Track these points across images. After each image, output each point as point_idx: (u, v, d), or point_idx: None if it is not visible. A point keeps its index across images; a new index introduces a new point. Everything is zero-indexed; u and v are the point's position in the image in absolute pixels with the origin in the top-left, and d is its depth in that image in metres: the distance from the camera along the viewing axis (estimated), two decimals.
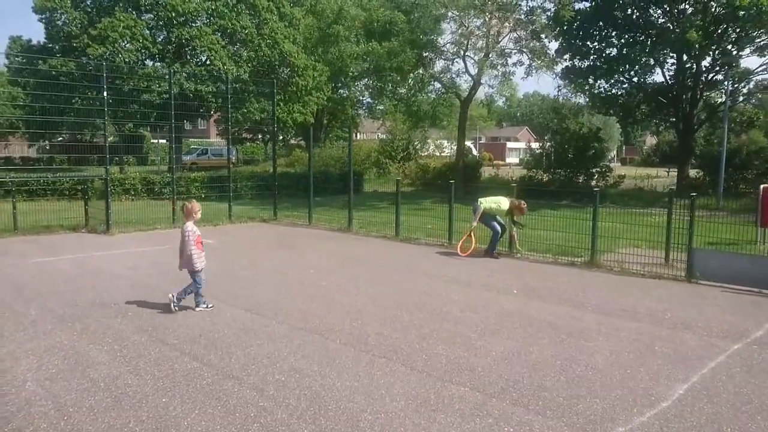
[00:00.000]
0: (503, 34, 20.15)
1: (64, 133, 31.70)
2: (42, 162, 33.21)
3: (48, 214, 13.50)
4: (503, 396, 4.35)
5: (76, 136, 33.47)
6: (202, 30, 25.19)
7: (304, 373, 4.74)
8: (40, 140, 32.70)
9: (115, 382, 4.53)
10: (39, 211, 13.84)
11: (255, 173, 22.91)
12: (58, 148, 31.94)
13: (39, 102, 20.34)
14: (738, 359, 5.22)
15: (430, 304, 6.95)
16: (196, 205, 6.65)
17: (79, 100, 24.77)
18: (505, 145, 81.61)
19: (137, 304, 6.77)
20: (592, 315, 6.58)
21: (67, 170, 24.46)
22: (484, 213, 10.42)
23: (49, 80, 21.53)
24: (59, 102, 19.78)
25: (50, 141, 32.51)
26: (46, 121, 19.07)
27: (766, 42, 20.55)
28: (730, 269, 8.20)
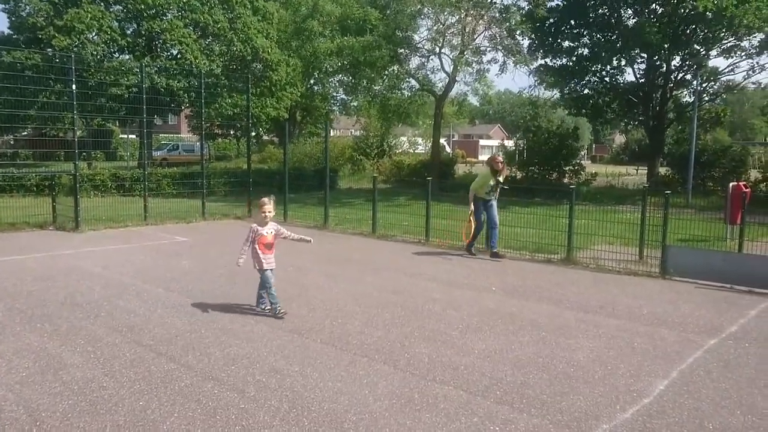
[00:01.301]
0: (478, 32, 20.21)
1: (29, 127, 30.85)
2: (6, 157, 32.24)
3: (13, 211, 13.07)
4: (487, 394, 4.33)
5: (42, 131, 32.63)
6: (173, 23, 24.73)
7: (285, 373, 4.66)
8: (4, 135, 31.75)
9: (89, 385, 4.38)
10: (4, 207, 13.39)
11: (228, 169, 22.59)
12: (23, 143, 31.05)
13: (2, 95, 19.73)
14: (715, 354, 5.30)
15: (410, 302, 6.91)
16: (264, 200, 6.16)
17: (45, 93, 24.10)
18: (478, 142, 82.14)
19: (110, 304, 6.58)
20: (572, 312, 6.62)
21: (33, 166, 23.82)
22: (475, 198, 10.12)
23: (13, 72, 20.88)
24: (24, 95, 19.20)
25: (15, 135, 31.59)
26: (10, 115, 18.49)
27: (732, 44, 21.02)
28: (703, 266, 8.34)
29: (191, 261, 9.25)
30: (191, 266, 8.84)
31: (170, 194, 17.65)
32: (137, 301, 6.76)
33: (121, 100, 24.61)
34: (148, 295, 7.04)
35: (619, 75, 23.68)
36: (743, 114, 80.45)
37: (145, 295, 7.00)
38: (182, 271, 8.44)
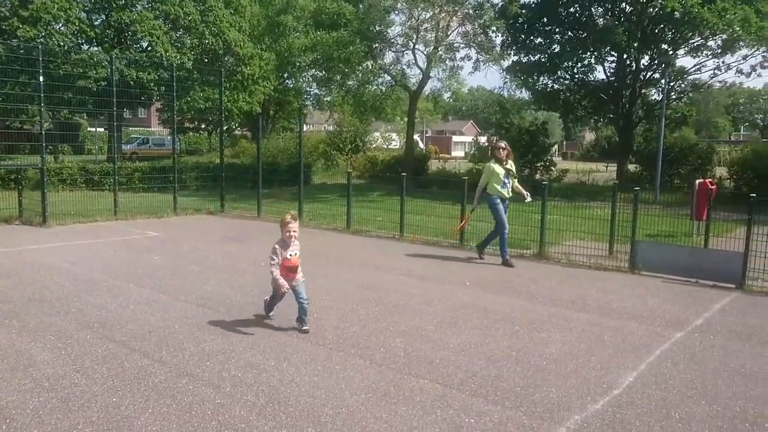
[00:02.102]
0: (452, 28, 20.31)
1: None
2: None
3: None
4: (462, 387, 4.39)
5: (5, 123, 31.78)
6: (143, 15, 24.27)
7: (261, 368, 4.65)
8: None
9: (60, 381, 4.32)
10: None
11: (200, 164, 22.32)
12: None
13: None
14: (681, 347, 5.45)
15: (386, 297, 6.95)
16: (288, 218, 5.48)
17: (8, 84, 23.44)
18: (451, 138, 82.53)
19: (80, 300, 6.47)
20: (544, 306, 6.73)
21: None
22: (490, 196, 9.06)
23: None
24: None
25: None
26: None
27: (699, 43, 21.52)
28: (670, 261, 8.55)
29: (163, 256, 9.14)
30: (163, 262, 8.73)
31: (141, 189, 17.38)
32: (108, 296, 6.66)
33: (89, 93, 24.11)
34: (119, 290, 6.94)
35: (590, 72, 24.10)
36: (708, 113, 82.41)
37: (116, 291, 6.90)
38: (154, 267, 8.33)
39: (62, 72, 22.69)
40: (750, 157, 18.61)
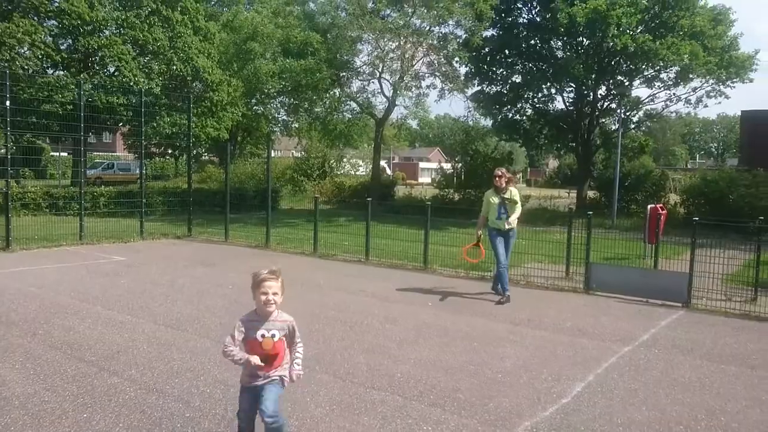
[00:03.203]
0: (417, 58, 20.93)
1: None
2: None
3: None
4: (421, 398, 4.64)
5: None
6: (111, 39, 24.33)
7: (229, 384, 4.82)
8: None
9: (30, 399, 4.42)
10: None
11: (167, 188, 22.28)
12: None
13: None
14: (628, 360, 5.82)
15: (350, 317, 7.18)
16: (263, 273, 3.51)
17: None
18: (418, 165, 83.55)
19: (48, 323, 6.53)
20: (502, 324, 7.05)
21: None
22: (489, 227, 8.51)
23: None
24: None
25: None
26: None
27: (652, 74, 22.62)
28: (622, 281, 9.00)
29: (130, 280, 9.20)
30: (130, 285, 8.80)
31: (106, 213, 17.28)
32: (75, 319, 6.74)
33: (54, 117, 23.94)
34: (87, 313, 7.02)
35: (550, 102, 24.98)
36: (666, 141, 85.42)
37: (83, 313, 6.98)
38: (121, 290, 8.40)
39: (26, 96, 22.55)
40: (700, 184, 19.50)
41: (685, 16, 20.46)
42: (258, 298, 3.49)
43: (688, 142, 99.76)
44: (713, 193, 18.33)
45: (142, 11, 25.59)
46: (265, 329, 3.49)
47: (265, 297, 3.46)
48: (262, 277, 3.49)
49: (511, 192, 8.39)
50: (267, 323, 3.50)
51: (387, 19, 20.45)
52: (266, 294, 3.46)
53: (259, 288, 3.48)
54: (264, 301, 3.47)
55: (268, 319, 3.51)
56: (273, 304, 3.49)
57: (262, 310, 3.50)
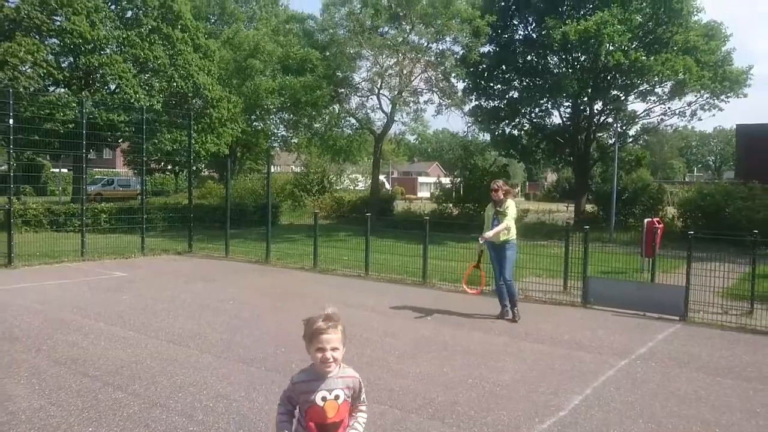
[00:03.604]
0: (415, 74, 21.17)
1: None
2: None
3: None
4: (420, 412, 4.72)
5: None
6: (112, 58, 24.60)
7: (231, 398, 4.90)
8: None
9: (36, 414, 4.50)
10: None
11: (167, 204, 22.41)
12: None
13: None
14: (625, 373, 5.89)
15: (351, 331, 7.15)
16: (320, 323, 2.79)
17: None
18: (417, 179, 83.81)
19: (51, 339, 6.61)
20: (500, 338, 7.14)
21: None
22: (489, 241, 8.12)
23: None
24: None
25: None
26: None
27: (647, 89, 22.86)
28: (620, 295, 9.08)
29: (131, 296, 9.28)
30: (132, 301, 8.87)
31: (107, 230, 17.38)
32: (79, 334, 6.81)
33: (55, 134, 24.13)
34: (90, 329, 7.09)
35: (547, 117, 25.23)
36: (663, 154, 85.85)
37: (86, 329, 7.05)
38: (123, 306, 8.48)
39: (29, 114, 22.75)
40: (696, 197, 19.65)
41: (679, 31, 20.76)
42: (313, 354, 2.74)
43: (686, 155, 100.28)
44: (709, 207, 18.47)
45: (142, 30, 25.90)
46: (326, 389, 2.75)
47: (322, 354, 2.71)
48: (317, 328, 2.73)
49: (506, 205, 8.16)
50: (327, 381, 2.77)
51: (385, 36, 20.72)
52: (323, 350, 2.71)
53: (315, 341, 2.74)
54: (321, 359, 2.71)
55: (326, 379, 2.76)
56: (332, 362, 2.74)
57: (320, 368, 2.75)
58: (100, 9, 25.02)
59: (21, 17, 24.07)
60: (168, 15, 26.69)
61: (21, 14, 24.11)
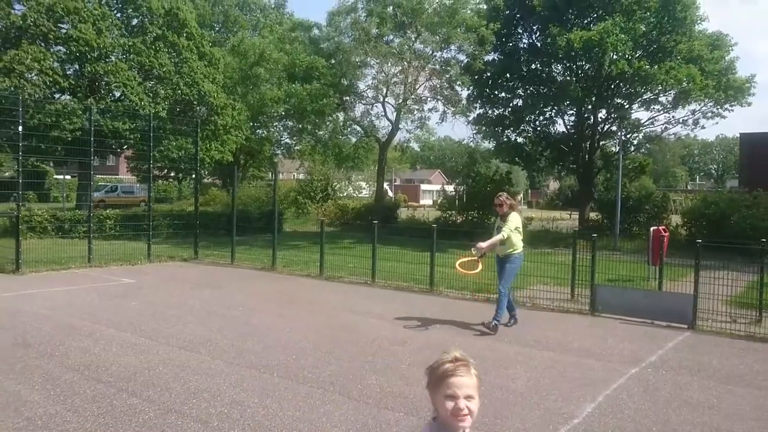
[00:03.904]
0: (420, 82, 21.26)
1: None
2: None
3: None
4: None
5: None
6: (118, 65, 24.74)
7: (245, 404, 4.91)
8: None
9: (53, 419, 4.51)
10: None
11: (172, 211, 22.48)
12: None
13: None
14: (636, 381, 5.90)
15: (360, 339, 7.27)
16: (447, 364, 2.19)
17: None
18: (419, 187, 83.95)
19: (63, 345, 6.62)
20: (510, 346, 7.14)
21: None
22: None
23: None
24: None
25: None
26: None
27: (651, 97, 22.92)
28: (627, 303, 9.09)
29: (140, 302, 9.30)
30: (141, 307, 8.90)
31: (113, 236, 17.44)
32: (90, 341, 6.83)
33: (61, 142, 24.24)
34: (101, 335, 7.11)
35: (551, 125, 25.28)
36: (666, 162, 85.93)
37: (97, 335, 7.07)
38: (132, 312, 8.50)
39: (35, 121, 22.86)
40: (700, 206, 19.65)
41: (683, 40, 20.83)
42: (441, 404, 2.09)
43: (688, 163, 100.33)
44: (714, 215, 18.46)
45: (148, 37, 26.05)
46: None
47: (454, 404, 2.06)
48: (445, 370, 2.14)
49: (511, 217, 8.10)
50: None
51: (391, 45, 20.82)
52: (454, 398, 2.07)
53: (442, 387, 2.11)
54: (452, 410, 2.05)
55: None
56: (467, 415, 2.06)
57: (450, 422, 2.07)
58: (106, 17, 25.19)
59: (27, 25, 24.23)
60: (173, 23, 26.85)
61: (27, 22, 24.26)
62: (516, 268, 8.33)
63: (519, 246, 8.21)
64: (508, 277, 8.15)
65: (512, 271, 8.24)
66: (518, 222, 8.26)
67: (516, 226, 8.17)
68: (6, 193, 26.73)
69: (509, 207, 8.21)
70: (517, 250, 8.21)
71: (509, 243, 8.05)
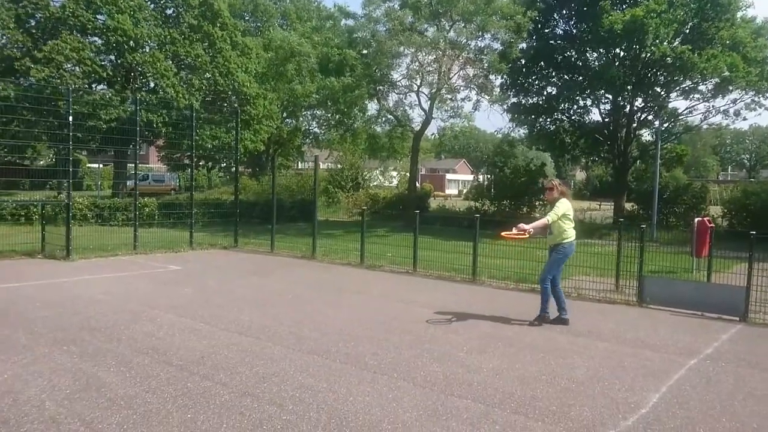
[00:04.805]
0: (454, 71, 21.17)
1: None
2: None
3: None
4: (503, 406, 4.79)
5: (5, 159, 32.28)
6: (154, 55, 25.08)
7: (315, 389, 5.03)
8: None
9: (134, 400, 4.68)
10: None
11: (209, 200, 22.82)
12: None
13: None
14: (697, 372, 5.88)
15: (413, 327, 7.35)
16: None
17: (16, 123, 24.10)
18: (445, 176, 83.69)
19: (128, 329, 6.83)
20: (563, 336, 7.16)
21: (7, 194, 23.61)
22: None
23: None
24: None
25: None
26: None
27: (690, 86, 22.50)
28: (676, 294, 9.01)
29: (192, 289, 9.51)
30: (194, 294, 9.10)
31: (154, 224, 17.79)
32: (152, 326, 7.03)
33: (96, 131, 24.70)
34: (162, 320, 7.31)
35: (586, 114, 24.97)
36: (696, 152, 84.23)
37: (158, 321, 7.27)
38: (186, 299, 8.71)
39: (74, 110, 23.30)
40: (741, 196, 19.32)
41: (725, 27, 20.38)
42: None
43: (720, 153, 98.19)
44: (756, 205, 18.13)
45: (182, 27, 26.35)
46: None
47: None
48: None
49: (560, 204, 7.75)
50: None
51: (425, 34, 20.74)
52: None
53: None
54: None
55: None
56: None
57: None
58: (143, 8, 25.52)
59: (66, 15, 24.69)
60: (207, 13, 27.12)
61: (66, 12, 24.71)
62: (562, 259, 7.94)
63: (569, 235, 7.81)
64: (549, 268, 7.88)
65: (556, 262, 7.90)
66: (568, 209, 7.84)
67: (564, 213, 7.76)
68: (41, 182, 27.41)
69: (560, 193, 7.81)
70: (567, 240, 7.82)
71: (558, 231, 7.75)
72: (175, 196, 25.60)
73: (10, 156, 30.96)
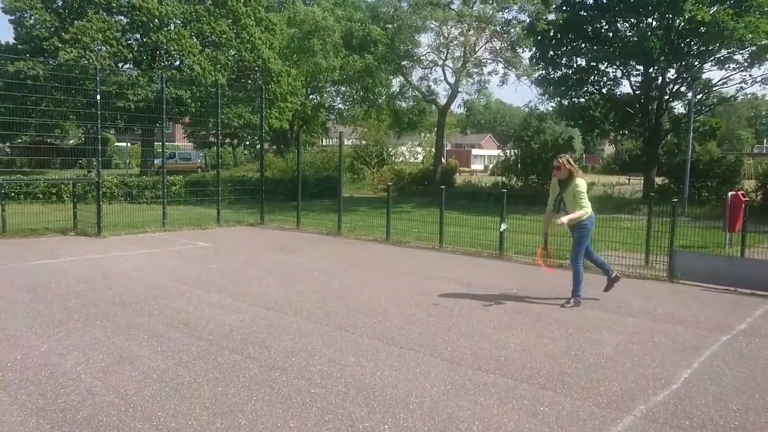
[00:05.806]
0: (480, 45, 20.82)
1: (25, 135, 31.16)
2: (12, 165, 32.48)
3: (29, 217, 13.27)
4: (531, 381, 4.77)
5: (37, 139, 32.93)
6: (179, 33, 25.14)
7: (343, 364, 5.07)
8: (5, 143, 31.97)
9: (166, 373, 4.77)
10: (20, 214, 13.51)
11: (234, 177, 23.01)
12: (20, 151, 31.25)
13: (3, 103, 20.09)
14: (729, 348, 5.77)
15: (440, 302, 7.35)
16: None
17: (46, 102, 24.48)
18: (470, 152, 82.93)
19: (159, 304, 6.96)
20: (592, 311, 7.08)
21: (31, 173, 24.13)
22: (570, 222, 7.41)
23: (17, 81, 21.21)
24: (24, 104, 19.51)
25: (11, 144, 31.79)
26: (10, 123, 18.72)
27: (726, 55, 21.77)
28: (709, 270, 8.83)
29: (220, 265, 9.64)
30: (222, 269, 9.22)
31: (182, 201, 18.02)
32: (182, 301, 7.14)
33: (124, 111, 24.96)
34: (191, 295, 7.43)
35: (616, 87, 24.40)
36: (730, 125, 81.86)
37: (188, 296, 7.39)
38: (215, 274, 8.83)
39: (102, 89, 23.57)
40: None
41: None
42: None
43: (755, 125, 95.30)
44: None
45: (207, 4, 26.30)
46: None
47: None
48: None
49: (576, 187, 7.33)
50: None
51: (450, 7, 20.39)
52: None
53: None
54: None
55: None
56: None
57: None
58: None
59: None
60: None
61: None
62: (586, 234, 7.70)
63: (588, 211, 7.52)
64: (578, 248, 7.65)
65: (581, 239, 7.67)
66: (585, 187, 7.59)
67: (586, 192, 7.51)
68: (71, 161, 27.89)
69: (569, 172, 7.40)
70: (587, 217, 7.54)
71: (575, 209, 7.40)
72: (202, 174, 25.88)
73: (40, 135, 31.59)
